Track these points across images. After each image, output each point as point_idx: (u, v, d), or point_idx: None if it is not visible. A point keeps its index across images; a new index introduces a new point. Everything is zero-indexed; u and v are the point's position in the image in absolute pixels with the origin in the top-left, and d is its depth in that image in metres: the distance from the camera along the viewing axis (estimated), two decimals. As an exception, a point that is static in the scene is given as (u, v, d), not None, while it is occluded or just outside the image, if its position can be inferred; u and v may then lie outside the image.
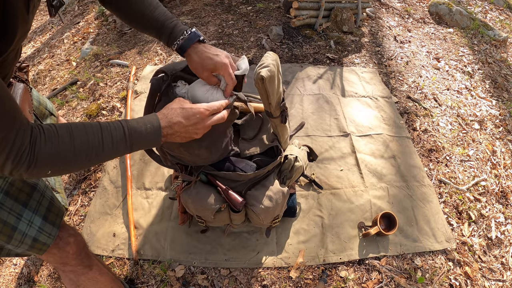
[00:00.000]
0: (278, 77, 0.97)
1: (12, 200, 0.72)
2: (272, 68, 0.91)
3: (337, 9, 2.61)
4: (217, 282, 1.28)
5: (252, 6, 2.95)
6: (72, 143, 0.54)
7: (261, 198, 1.05)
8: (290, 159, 1.18)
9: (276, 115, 1.04)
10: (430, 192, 1.63)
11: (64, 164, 0.55)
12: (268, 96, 0.96)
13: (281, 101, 1.04)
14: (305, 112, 1.94)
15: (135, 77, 2.14)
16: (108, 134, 0.58)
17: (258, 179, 1.08)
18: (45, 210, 0.78)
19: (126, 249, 1.36)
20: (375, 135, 1.86)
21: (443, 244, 1.44)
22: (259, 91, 0.96)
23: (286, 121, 1.09)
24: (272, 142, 1.15)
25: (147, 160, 1.66)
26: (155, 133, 0.65)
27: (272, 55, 0.97)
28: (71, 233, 0.84)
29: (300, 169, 1.20)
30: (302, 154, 1.27)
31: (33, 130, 0.51)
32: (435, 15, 3.21)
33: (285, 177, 1.18)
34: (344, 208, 1.51)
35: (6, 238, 0.71)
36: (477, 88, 2.39)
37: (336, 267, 1.35)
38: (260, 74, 0.89)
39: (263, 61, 0.94)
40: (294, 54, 2.39)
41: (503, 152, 1.94)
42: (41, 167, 0.52)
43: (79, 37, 2.75)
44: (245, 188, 1.06)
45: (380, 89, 2.18)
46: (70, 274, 0.89)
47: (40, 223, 0.76)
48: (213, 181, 1.06)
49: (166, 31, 0.81)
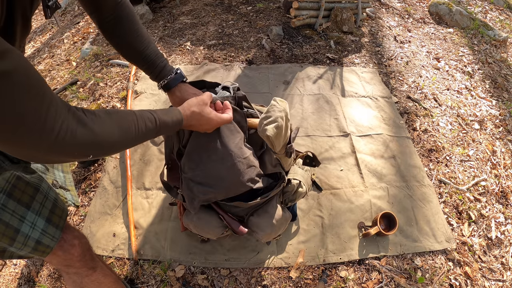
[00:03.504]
0: (286, 125, 0.92)
1: (15, 202, 0.72)
2: (279, 123, 0.86)
3: (337, 9, 2.61)
4: (217, 282, 1.28)
5: (252, 6, 2.95)
6: (112, 126, 0.58)
7: (263, 226, 1.04)
8: (293, 184, 1.15)
9: (280, 153, 1.00)
10: (430, 192, 1.63)
11: (103, 146, 0.57)
12: (274, 147, 0.92)
13: (287, 143, 0.99)
14: (305, 112, 1.94)
15: (135, 77, 2.14)
16: (142, 122, 0.66)
17: (260, 205, 1.06)
18: (48, 212, 0.78)
19: (126, 249, 1.36)
20: (375, 135, 1.86)
21: (443, 244, 1.44)
22: (264, 140, 0.92)
23: (291, 156, 1.05)
24: (275, 167, 1.10)
25: (147, 160, 1.66)
26: (177, 126, 0.77)
27: (280, 104, 0.89)
28: (75, 235, 0.83)
29: (302, 194, 1.19)
30: (306, 176, 1.24)
31: (70, 109, 0.51)
32: (435, 15, 3.21)
33: (287, 199, 1.17)
34: (344, 208, 1.51)
35: (9, 240, 0.71)
36: (477, 88, 2.39)
37: (336, 267, 1.35)
38: (266, 133, 0.85)
39: (270, 113, 0.87)
40: (294, 54, 2.39)
41: (503, 152, 1.94)
42: (81, 147, 0.52)
43: (79, 37, 2.75)
44: (247, 213, 1.05)
45: (380, 89, 2.18)
46: (73, 276, 0.89)
47: (43, 226, 0.75)
48: (215, 207, 1.04)
49: (156, 69, 0.95)
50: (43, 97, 0.46)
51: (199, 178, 0.96)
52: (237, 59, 2.33)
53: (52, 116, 0.47)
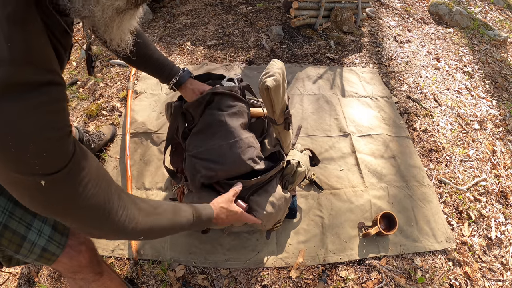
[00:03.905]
0: (283, 85, 0.95)
1: (22, 209, 0.72)
2: (277, 77, 0.90)
3: (337, 9, 2.61)
4: (217, 282, 1.28)
5: (252, 6, 2.95)
6: (161, 219, 0.71)
7: (263, 204, 1.05)
8: (292, 164, 1.17)
9: (279, 122, 1.03)
10: (430, 192, 1.63)
11: (153, 233, 0.71)
12: (273, 105, 0.94)
13: (285, 109, 1.03)
14: (305, 112, 1.94)
15: (135, 77, 2.14)
16: (184, 218, 0.78)
17: (260, 185, 1.08)
18: (53, 220, 0.78)
19: (126, 249, 1.36)
20: (375, 135, 1.86)
21: (443, 244, 1.44)
22: (263, 99, 0.94)
23: (289, 128, 1.08)
24: (275, 147, 1.14)
25: (147, 160, 1.66)
26: (208, 221, 0.87)
27: (278, 63, 0.95)
28: (81, 241, 0.82)
29: (302, 174, 1.20)
30: (305, 158, 1.26)
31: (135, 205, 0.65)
32: (435, 15, 3.21)
33: (287, 182, 1.17)
34: (344, 208, 1.51)
35: (16, 247, 0.71)
36: (477, 88, 2.39)
37: (336, 267, 1.35)
38: (266, 83, 0.87)
39: (269, 69, 0.92)
40: (294, 54, 2.39)
41: (503, 152, 1.94)
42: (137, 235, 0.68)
43: (79, 37, 2.75)
44: (247, 193, 1.06)
45: (380, 89, 2.18)
46: (80, 281, 0.88)
47: (50, 233, 0.75)
48: (215, 187, 1.06)
49: (166, 70, 1.10)
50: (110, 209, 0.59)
51: (202, 155, 1.02)
52: (237, 59, 2.33)
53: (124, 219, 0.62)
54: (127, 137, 1.72)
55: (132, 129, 1.79)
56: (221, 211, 0.91)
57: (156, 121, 1.83)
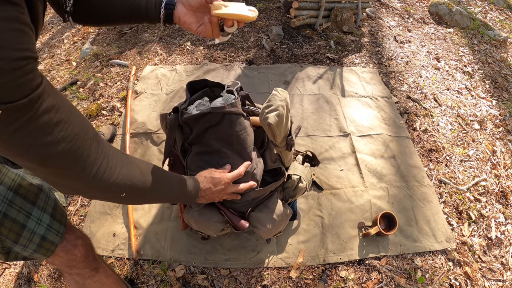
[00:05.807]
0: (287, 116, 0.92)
1: (22, 198, 0.73)
2: (281, 111, 0.86)
3: (337, 9, 2.61)
4: (217, 282, 1.28)
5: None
6: (145, 176, 0.67)
7: (264, 221, 1.04)
8: (294, 180, 1.15)
9: (281, 146, 1.00)
10: (430, 192, 1.63)
11: (136, 191, 0.66)
12: (275, 136, 0.92)
13: (288, 135, 0.99)
14: (305, 112, 1.94)
15: (135, 77, 2.14)
16: (170, 183, 0.77)
17: (261, 200, 1.07)
18: (51, 210, 0.79)
19: (126, 249, 1.36)
20: (375, 135, 1.86)
21: (443, 244, 1.44)
22: (265, 130, 0.92)
23: (291, 149, 1.05)
24: (275, 162, 1.11)
25: (147, 160, 1.66)
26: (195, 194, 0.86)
27: (281, 94, 0.89)
28: (78, 236, 0.83)
29: (303, 190, 1.19)
30: (306, 172, 1.24)
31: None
32: (435, 15, 3.21)
33: (288, 195, 1.17)
34: (344, 208, 1.51)
35: (15, 236, 0.72)
36: (477, 88, 2.39)
37: (336, 267, 1.35)
38: (268, 120, 0.84)
39: (271, 102, 0.87)
40: (294, 54, 2.39)
41: (503, 152, 1.94)
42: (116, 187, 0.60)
43: (79, 37, 2.75)
44: (248, 208, 1.05)
45: (380, 89, 2.18)
46: (76, 277, 0.89)
47: (49, 221, 0.77)
48: (216, 203, 1.05)
49: (148, 5, 0.74)
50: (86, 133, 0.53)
51: None
52: (237, 59, 2.33)
53: (94, 155, 0.55)
54: (127, 137, 1.73)
55: (132, 129, 1.79)
56: (205, 179, 0.88)
57: (156, 121, 1.83)
